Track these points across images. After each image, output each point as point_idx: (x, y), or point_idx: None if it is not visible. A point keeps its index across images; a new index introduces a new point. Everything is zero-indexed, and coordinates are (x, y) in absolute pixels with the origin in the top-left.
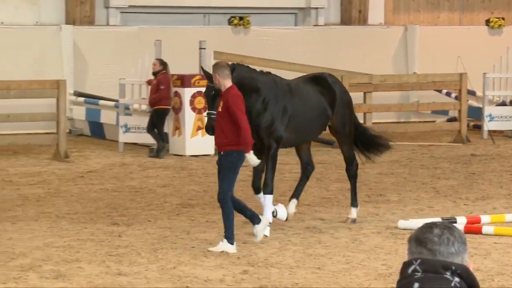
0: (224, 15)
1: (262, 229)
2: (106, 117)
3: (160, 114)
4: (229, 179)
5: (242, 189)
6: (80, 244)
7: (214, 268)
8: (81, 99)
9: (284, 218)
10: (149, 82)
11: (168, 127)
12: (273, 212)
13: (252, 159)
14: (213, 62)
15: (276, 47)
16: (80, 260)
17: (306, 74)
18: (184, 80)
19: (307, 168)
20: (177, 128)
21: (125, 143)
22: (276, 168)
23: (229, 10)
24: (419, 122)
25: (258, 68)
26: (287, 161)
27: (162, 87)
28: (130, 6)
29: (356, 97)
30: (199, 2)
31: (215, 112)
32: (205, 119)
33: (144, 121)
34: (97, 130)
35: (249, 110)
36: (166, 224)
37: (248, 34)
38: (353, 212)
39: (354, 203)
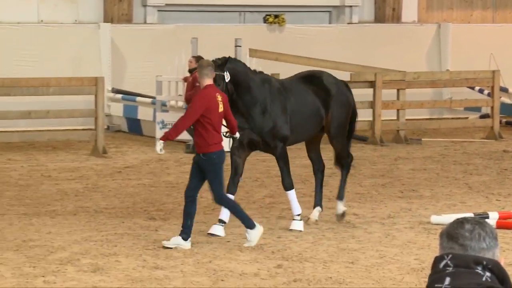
0: (260, 13)
1: (218, 231)
2: (143, 113)
3: None
4: (217, 180)
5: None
6: (118, 238)
7: (249, 262)
8: (119, 96)
9: (297, 229)
10: (185, 79)
11: None
12: (299, 215)
13: (158, 146)
14: (248, 59)
15: (310, 45)
16: (118, 254)
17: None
18: None
19: (319, 171)
20: None
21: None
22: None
23: (265, 8)
24: (452, 118)
25: (265, 70)
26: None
27: (197, 84)
28: (167, 5)
29: (389, 94)
30: (235, 0)
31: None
32: None
33: None
34: (134, 126)
35: (245, 112)
36: (202, 218)
37: (283, 32)
38: (340, 206)
39: (342, 195)
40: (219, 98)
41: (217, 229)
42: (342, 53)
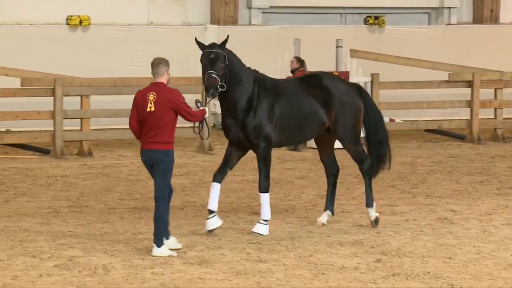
0: (360, 14)
1: (162, 253)
2: None
3: None
4: (165, 178)
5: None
6: (222, 232)
7: (349, 256)
8: None
9: (260, 233)
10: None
11: None
12: (267, 221)
13: None
14: (349, 60)
15: (409, 46)
16: (222, 247)
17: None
18: None
19: (331, 174)
20: None
21: None
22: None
23: (365, 10)
24: None
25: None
26: (420, 154)
27: None
28: (271, 7)
29: (487, 93)
30: (336, 3)
31: (216, 72)
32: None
33: None
34: None
35: (233, 107)
36: (303, 214)
37: (383, 33)
38: (371, 212)
39: (369, 202)
40: (151, 97)
41: (212, 223)
42: (440, 54)
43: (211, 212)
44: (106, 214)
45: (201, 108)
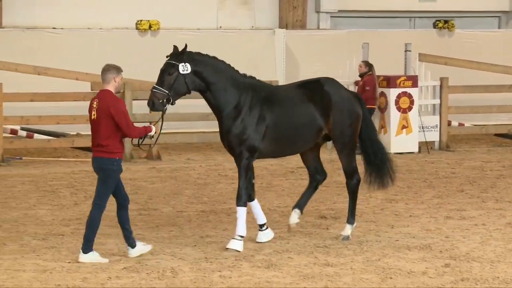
0: (429, 18)
1: (89, 259)
2: None
3: None
4: (105, 186)
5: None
6: (290, 235)
7: (417, 261)
8: None
9: (232, 248)
10: (356, 83)
11: None
12: (262, 226)
13: None
14: (418, 64)
15: (479, 50)
16: (290, 250)
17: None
18: (389, 81)
19: (314, 177)
20: (383, 126)
21: None
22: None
23: (434, 14)
24: None
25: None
26: (489, 159)
27: (367, 88)
28: (339, 11)
29: None
30: (405, 6)
31: (159, 86)
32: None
33: None
34: None
35: (218, 114)
36: (371, 218)
37: (452, 37)
38: (347, 229)
39: (350, 220)
40: (94, 105)
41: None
42: (511, 58)
43: (262, 225)
44: (174, 217)
45: (149, 125)
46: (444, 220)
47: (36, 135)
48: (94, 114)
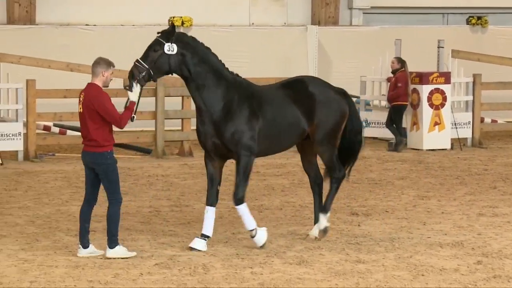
0: (463, 15)
1: (84, 254)
2: None
3: (398, 110)
4: (111, 180)
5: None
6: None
7: (449, 258)
8: None
9: (260, 244)
10: (388, 80)
11: (406, 122)
12: (252, 231)
13: None
14: (451, 60)
15: None
16: (321, 247)
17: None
18: (422, 78)
19: (316, 184)
20: (415, 123)
21: (366, 137)
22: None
23: (468, 10)
24: None
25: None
26: None
27: (399, 84)
28: (372, 7)
29: None
30: (438, 3)
31: (142, 60)
32: None
33: (384, 116)
34: None
35: (205, 109)
36: (403, 214)
37: (486, 33)
38: (323, 221)
39: (328, 208)
40: (81, 98)
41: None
42: None
43: (206, 237)
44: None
45: (127, 106)
46: (476, 217)
47: (69, 132)
48: (80, 108)
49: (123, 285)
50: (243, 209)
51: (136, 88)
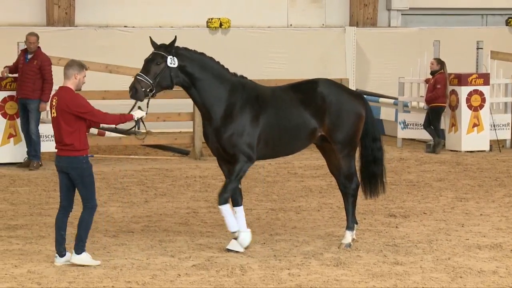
0: (502, 16)
1: (83, 261)
2: (385, 114)
3: (436, 111)
4: (86, 185)
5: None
6: (359, 233)
7: (488, 260)
8: None
9: (244, 245)
10: (426, 81)
11: (444, 124)
12: (235, 233)
13: None
14: (489, 61)
15: None
16: (359, 249)
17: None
18: (461, 79)
19: (343, 185)
20: (453, 124)
21: (403, 139)
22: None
23: (507, 11)
24: None
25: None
26: None
27: (438, 86)
28: (410, 8)
29: None
30: (477, 4)
31: (144, 74)
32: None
33: (422, 118)
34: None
35: (206, 112)
36: (441, 216)
37: None
38: (348, 236)
39: (350, 225)
40: (54, 102)
41: (246, 238)
42: None
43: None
44: None
45: (130, 113)
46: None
47: (107, 133)
48: (54, 112)
49: (160, 286)
50: (226, 209)
51: (140, 112)
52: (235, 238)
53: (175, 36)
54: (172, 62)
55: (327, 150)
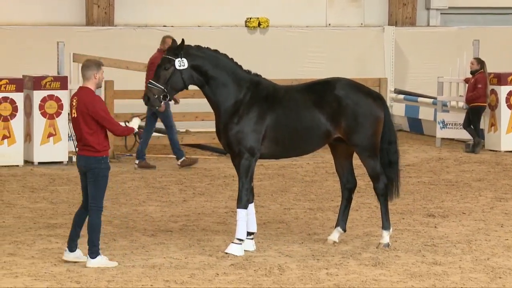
0: None
1: (98, 264)
2: (424, 113)
3: (476, 111)
4: (98, 186)
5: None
6: (398, 233)
7: None
8: (401, 96)
9: (234, 253)
10: (466, 80)
11: (484, 124)
12: (240, 240)
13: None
14: None
15: None
16: (397, 249)
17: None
18: (500, 79)
19: (346, 188)
20: (493, 124)
21: (442, 139)
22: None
23: None
24: None
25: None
26: None
27: (479, 85)
28: (450, 8)
29: None
30: None
31: (155, 81)
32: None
33: (461, 117)
34: (415, 126)
35: (216, 109)
36: (480, 216)
37: None
38: (385, 236)
39: (385, 225)
40: (74, 103)
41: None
42: None
43: (250, 233)
44: (281, 215)
45: (129, 125)
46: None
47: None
48: (74, 113)
49: (199, 285)
50: (243, 215)
51: (136, 120)
52: (234, 243)
53: (182, 39)
54: (181, 64)
55: (336, 149)
